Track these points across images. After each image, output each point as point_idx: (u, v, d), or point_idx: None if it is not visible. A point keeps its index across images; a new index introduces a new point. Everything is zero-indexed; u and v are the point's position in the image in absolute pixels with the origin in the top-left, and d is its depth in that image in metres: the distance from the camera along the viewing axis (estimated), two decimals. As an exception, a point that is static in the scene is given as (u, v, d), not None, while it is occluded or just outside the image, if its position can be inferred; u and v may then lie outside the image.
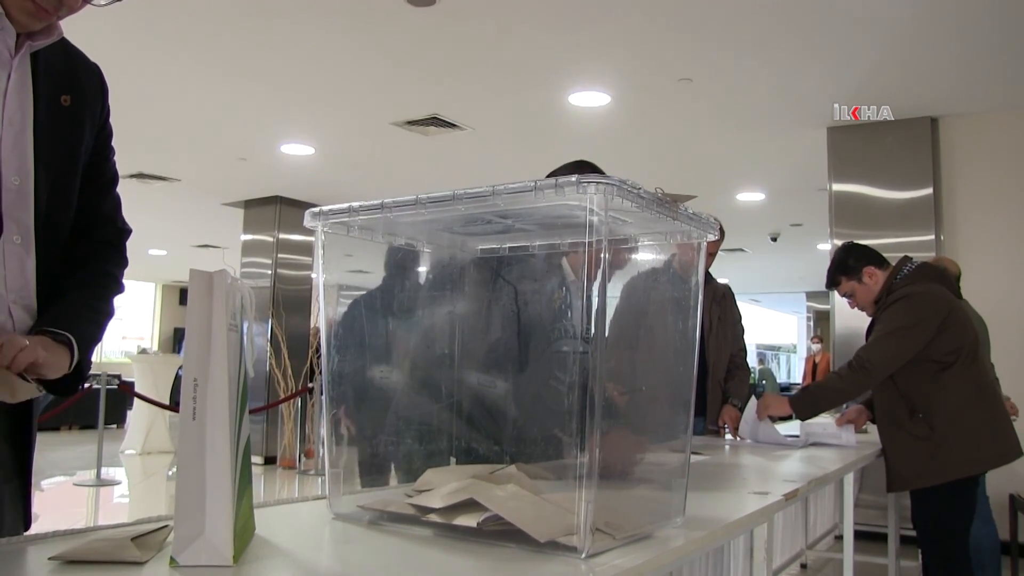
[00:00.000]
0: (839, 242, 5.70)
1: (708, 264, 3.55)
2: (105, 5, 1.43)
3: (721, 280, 3.86)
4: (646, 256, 1.50)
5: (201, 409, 1.00)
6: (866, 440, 3.41)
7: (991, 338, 4.40)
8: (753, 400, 3.35)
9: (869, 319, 3.27)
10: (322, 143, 7.05)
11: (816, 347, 13.05)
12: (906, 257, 3.23)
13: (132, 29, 4.53)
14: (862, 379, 3.02)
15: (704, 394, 3.57)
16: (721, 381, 3.62)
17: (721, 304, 3.67)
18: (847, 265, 3.25)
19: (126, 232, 1.60)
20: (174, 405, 8.39)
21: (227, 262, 11.24)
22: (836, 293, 3.42)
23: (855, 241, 3.52)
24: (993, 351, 4.26)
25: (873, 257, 3.24)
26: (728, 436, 3.52)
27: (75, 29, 1.51)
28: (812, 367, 12.63)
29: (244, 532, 1.08)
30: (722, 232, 3.33)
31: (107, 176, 1.58)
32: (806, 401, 3.15)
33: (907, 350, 2.97)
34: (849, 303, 3.34)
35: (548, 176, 2.15)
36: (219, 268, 1.08)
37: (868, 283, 3.19)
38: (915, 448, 2.98)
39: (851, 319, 4.72)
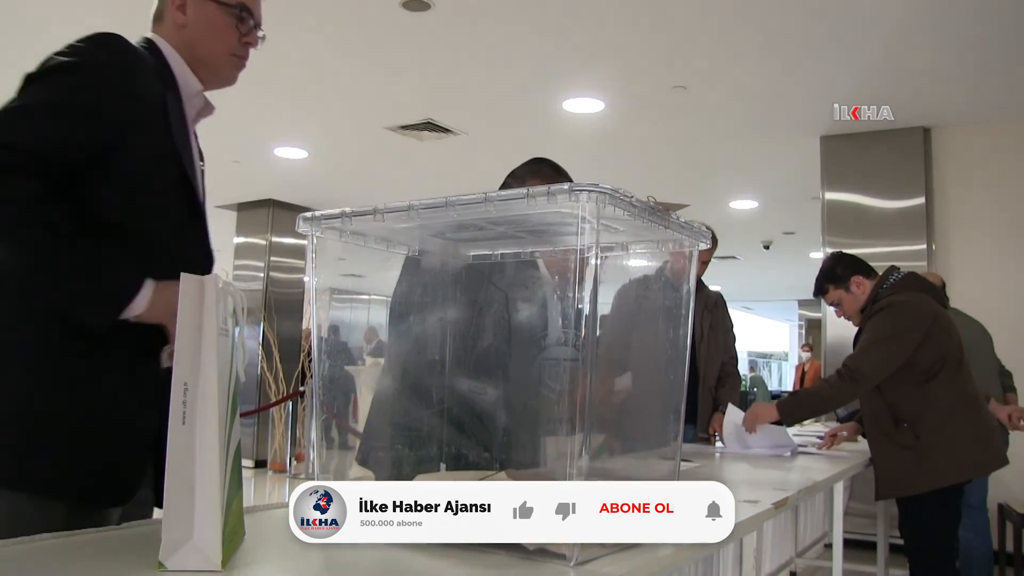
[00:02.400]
0: (831, 251, 5.71)
1: (700, 272, 3.56)
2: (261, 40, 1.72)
3: (713, 287, 3.87)
4: (638, 263, 1.50)
5: (191, 413, 1.00)
6: (856, 449, 3.42)
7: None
8: (732, 409, 3.34)
9: (856, 328, 3.29)
10: (316, 147, 7.04)
11: (806, 355, 13.06)
12: (893, 267, 3.25)
13: (128, 31, 4.52)
14: (849, 387, 3.03)
15: (695, 402, 3.57)
16: (712, 389, 3.63)
17: (713, 312, 3.67)
18: (835, 274, 3.28)
19: None
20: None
21: (219, 265, 11.20)
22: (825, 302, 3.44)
23: (843, 251, 3.54)
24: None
25: (861, 266, 3.27)
26: (719, 444, 3.52)
27: (71, 30, 1.51)
28: (801, 375, 12.65)
29: (233, 537, 1.08)
30: (715, 240, 3.34)
31: None
32: (792, 406, 3.17)
33: (894, 359, 2.98)
34: (836, 312, 3.36)
35: (509, 174, 2.17)
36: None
37: (855, 292, 3.21)
38: (901, 456, 3.00)
39: (842, 328, 4.72)
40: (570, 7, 4.23)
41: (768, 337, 22.39)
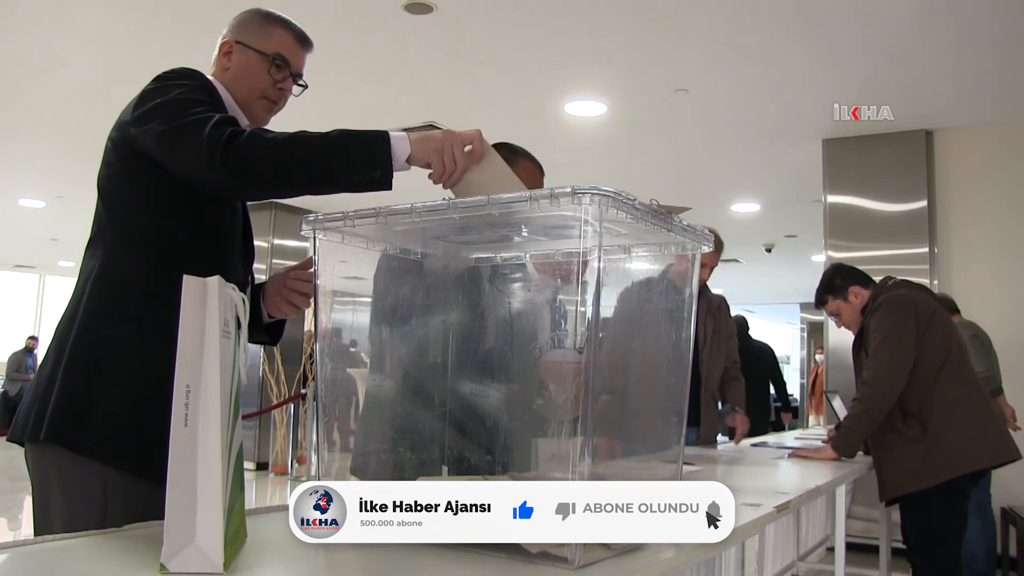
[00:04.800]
0: (833, 254, 5.72)
1: (705, 276, 3.55)
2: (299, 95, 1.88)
3: (716, 290, 3.86)
4: (640, 266, 1.50)
5: (193, 416, 1.00)
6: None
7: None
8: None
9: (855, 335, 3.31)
10: (318, 149, 7.04)
11: (820, 357, 13.06)
12: (888, 276, 3.30)
13: (128, 32, 4.53)
14: (874, 392, 3.00)
15: (697, 405, 3.56)
16: (715, 392, 3.62)
17: (716, 316, 3.66)
18: (833, 284, 3.34)
19: None
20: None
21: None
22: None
23: (841, 262, 3.56)
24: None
25: (858, 277, 3.33)
26: (723, 445, 3.53)
27: (72, 31, 1.51)
28: (815, 377, 12.65)
29: (235, 539, 1.08)
30: (719, 244, 3.35)
31: None
32: (843, 441, 3.14)
33: (906, 350, 2.98)
34: (836, 322, 3.41)
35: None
36: (213, 274, 1.08)
37: (854, 302, 3.27)
38: (908, 450, 2.99)
39: (844, 330, 4.73)
40: (572, 10, 4.23)
41: (770, 340, 22.32)
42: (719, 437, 3.76)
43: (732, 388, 3.66)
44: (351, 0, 4.18)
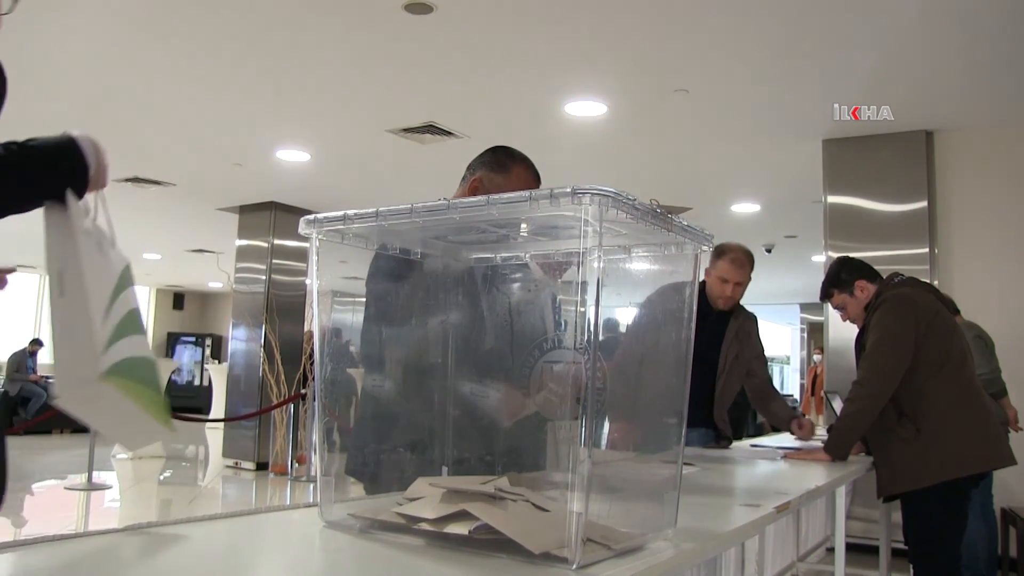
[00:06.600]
0: (833, 254, 5.71)
1: (738, 295, 3.48)
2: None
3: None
4: (641, 267, 1.49)
5: (69, 288, 1.09)
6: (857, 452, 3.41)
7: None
8: None
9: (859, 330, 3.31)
10: (318, 149, 7.05)
11: (818, 357, 13.04)
12: (896, 273, 3.28)
13: (129, 33, 4.53)
14: (865, 393, 3.01)
15: (707, 409, 3.53)
16: (724, 416, 3.59)
17: (740, 339, 3.57)
18: (840, 278, 3.31)
19: None
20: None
21: (221, 267, 11.21)
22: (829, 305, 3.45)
23: (848, 256, 3.56)
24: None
25: (865, 271, 3.30)
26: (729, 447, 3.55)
27: (71, 32, 1.51)
28: (813, 377, 12.63)
29: (153, 403, 1.15)
30: (751, 260, 3.33)
31: None
32: (835, 443, 3.13)
33: (901, 351, 2.98)
34: (840, 316, 3.39)
35: (468, 167, 2.19)
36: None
37: (859, 296, 3.25)
38: (902, 450, 3.00)
39: (844, 330, 4.72)
40: (572, 10, 4.23)
41: (771, 340, 22.29)
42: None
43: (778, 403, 3.63)
44: (351, 0, 4.18)
